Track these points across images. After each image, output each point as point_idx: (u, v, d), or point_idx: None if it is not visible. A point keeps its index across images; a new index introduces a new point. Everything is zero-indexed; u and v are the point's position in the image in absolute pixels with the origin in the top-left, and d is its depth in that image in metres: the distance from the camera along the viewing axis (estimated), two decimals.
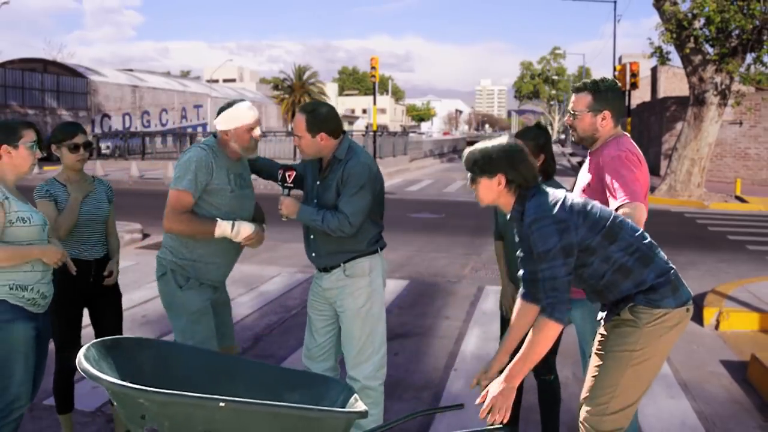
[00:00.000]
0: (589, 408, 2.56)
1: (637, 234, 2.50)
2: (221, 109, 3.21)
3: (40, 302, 2.90)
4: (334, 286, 3.26)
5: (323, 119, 3.13)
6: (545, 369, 3.35)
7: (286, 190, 3.21)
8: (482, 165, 2.48)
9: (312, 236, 3.29)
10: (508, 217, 2.58)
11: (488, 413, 2.39)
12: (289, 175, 3.21)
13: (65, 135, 3.40)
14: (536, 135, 3.27)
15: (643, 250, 2.48)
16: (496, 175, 2.46)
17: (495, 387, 2.42)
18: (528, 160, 2.49)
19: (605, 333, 2.61)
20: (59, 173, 3.48)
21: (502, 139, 2.52)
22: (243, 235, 3.14)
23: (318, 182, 3.24)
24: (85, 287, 3.43)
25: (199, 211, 3.13)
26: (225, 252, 3.26)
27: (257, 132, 3.20)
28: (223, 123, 3.16)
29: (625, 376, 2.50)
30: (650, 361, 2.51)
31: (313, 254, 3.32)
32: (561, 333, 3.36)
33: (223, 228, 3.09)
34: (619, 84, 3.10)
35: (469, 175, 2.53)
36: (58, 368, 3.46)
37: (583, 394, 2.64)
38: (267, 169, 3.51)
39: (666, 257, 2.56)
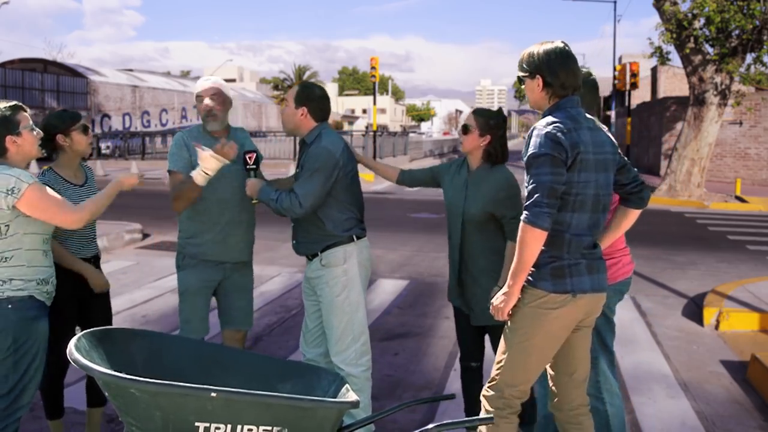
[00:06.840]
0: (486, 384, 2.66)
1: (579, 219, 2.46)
2: None
3: (53, 294, 2.90)
4: (314, 275, 3.34)
5: (310, 96, 3.25)
6: (472, 357, 3.41)
7: (251, 172, 3.30)
8: (524, 64, 2.51)
9: (293, 223, 3.40)
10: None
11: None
12: (249, 158, 3.29)
13: (73, 119, 3.20)
14: (489, 115, 3.23)
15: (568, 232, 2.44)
16: (536, 76, 2.47)
17: (499, 293, 2.51)
18: (573, 67, 2.45)
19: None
20: (56, 164, 3.23)
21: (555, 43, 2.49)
22: (210, 166, 3.10)
23: (297, 169, 3.33)
24: (80, 286, 3.24)
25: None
26: (211, 228, 3.34)
27: (207, 101, 3.32)
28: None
29: (512, 352, 2.53)
30: (532, 341, 2.50)
31: (294, 241, 3.43)
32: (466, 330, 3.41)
33: (195, 176, 3.14)
34: (593, 77, 3.09)
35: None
36: (48, 371, 3.15)
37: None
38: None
39: (584, 250, 2.50)
